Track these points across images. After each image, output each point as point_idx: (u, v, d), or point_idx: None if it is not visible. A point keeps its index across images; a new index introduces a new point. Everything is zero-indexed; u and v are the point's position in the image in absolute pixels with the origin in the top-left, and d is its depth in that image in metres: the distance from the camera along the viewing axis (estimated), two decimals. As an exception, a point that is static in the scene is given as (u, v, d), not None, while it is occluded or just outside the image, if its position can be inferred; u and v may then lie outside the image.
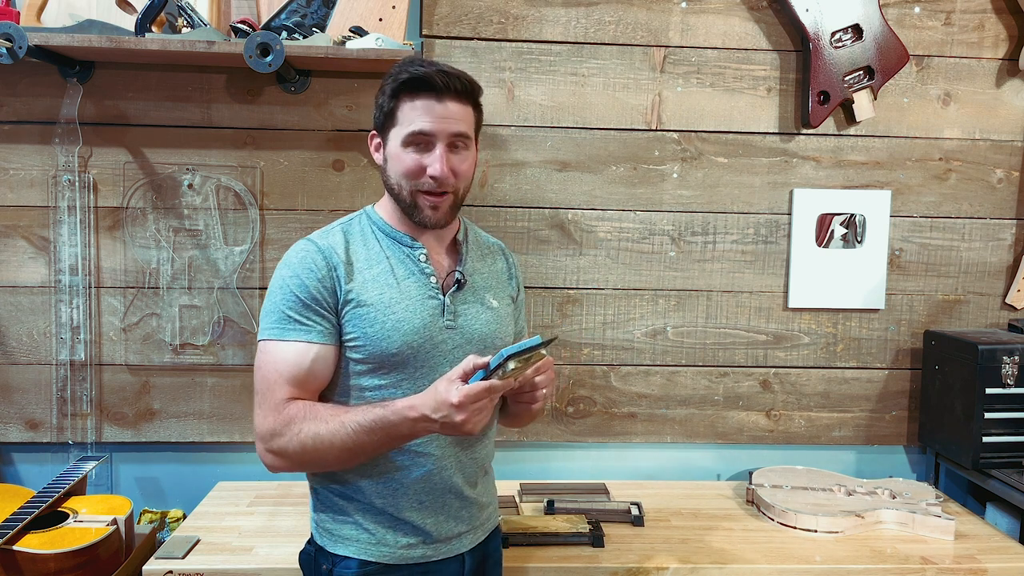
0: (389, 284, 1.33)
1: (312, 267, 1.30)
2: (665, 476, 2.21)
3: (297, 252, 1.33)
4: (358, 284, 1.32)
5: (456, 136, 1.32)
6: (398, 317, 1.31)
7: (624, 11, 2.07)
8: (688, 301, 2.16)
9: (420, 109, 1.30)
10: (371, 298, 1.31)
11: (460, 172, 1.33)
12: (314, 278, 1.30)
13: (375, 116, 1.37)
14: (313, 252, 1.32)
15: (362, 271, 1.33)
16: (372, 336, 1.30)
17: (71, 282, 2.02)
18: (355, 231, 1.38)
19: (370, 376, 1.32)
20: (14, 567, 1.58)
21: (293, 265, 1.31)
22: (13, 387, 2.04)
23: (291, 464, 1.29)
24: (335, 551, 1.35)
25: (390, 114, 1.33)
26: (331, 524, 1.37)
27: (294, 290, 1.29)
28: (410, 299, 1.33)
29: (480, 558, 1.44)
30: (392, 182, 1.35)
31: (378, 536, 1.34)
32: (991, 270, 2.20)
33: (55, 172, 2.00)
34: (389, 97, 1.32)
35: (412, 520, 1.35)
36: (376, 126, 1.38)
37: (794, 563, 1.70)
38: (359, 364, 1.32)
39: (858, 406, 2.21)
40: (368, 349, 1.30)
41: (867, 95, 2.08)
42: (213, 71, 2.01)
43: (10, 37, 1.72)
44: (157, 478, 2.12)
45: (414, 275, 1.36)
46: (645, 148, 2.11)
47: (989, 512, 2.08)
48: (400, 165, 1.32)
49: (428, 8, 2.03)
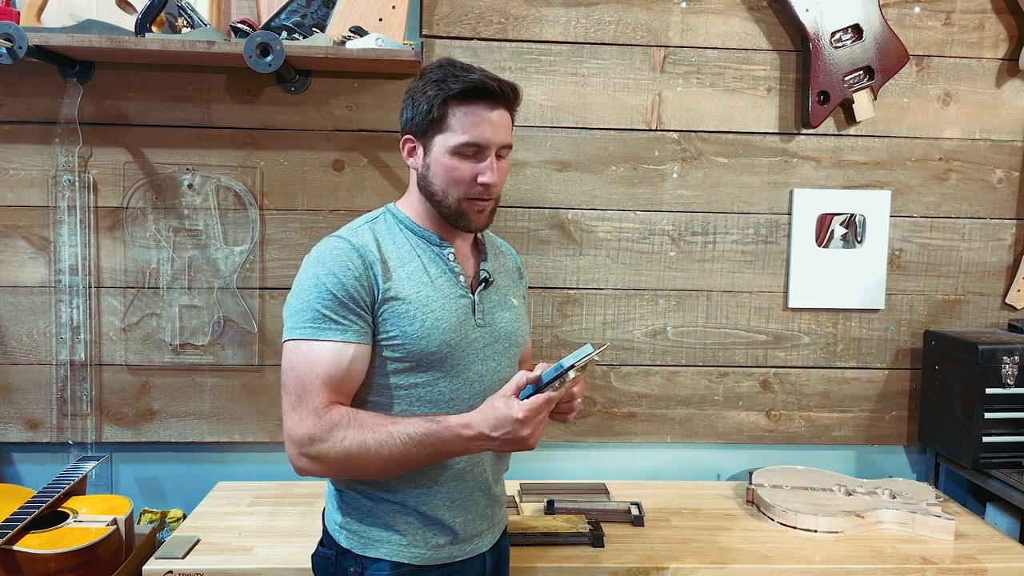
0: (424, 282, 1.32)
1: (349, 264, 1.27)
2: (665, 476, 2.21)
3: (331, 249, 1.30)
4: (395, 282, 1.30)
5: (504, 146, 1.33)
6: (436, 316, 1.31)
7: (624, 11, 2.07)
8: (688, 301, 2.16)
9: (473, 118, 1.28)
10: (409, 296, 1.30)
11: (503, 179, 1.36)
12: (351, 276, 1.27)
13: (411, 119, 1.32)
14: (348, 249, 1.29)
15: (396, 269, 1.32)
16: (412, 334, 1.29)
17: (71, 282, 2.02)
18: (382, 229, 1.36)
19: (406, 375, 1.31)
20: (14, 567, 1.58)
21: (328, 262, 1.28)
22: (13, 387, 2.04)
23: (328, 470, 1.27)
24: (364, 553, 1.34)
25: (438, 120, 1.29)
26: (359, 526, 1.35)
27: (331, 288, 1.26)
28: (445, 297, 1.33)
29: (497, 556, 1.46)
30: (436, 188, 1.32)
31: (409, 537, 1.34)
32: (991, 270, 2.20)
33: (55, 172, 2.00)
34: (439, 103, 1.28)
35: (443, 519, 1.35)
36: (415, 130, 1.33)
37: (794, 563, 1.70)
38: (396, 363, 1.31)
39: (858, 406, 2.21)
40: (407, 348, 1.29)
41: (867, 95, 2.08)
42: (213, 71, 2.01)
43: (10, 37, 1.72)
44: (157, 478, 2.12)
45: (445, 274, 1.36)
46: (645, 148, 2.11)
47: (989, 512, 2.08)
48: (449, 173, 1.30)
49: (428, 8, 2.03)
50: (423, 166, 1.34)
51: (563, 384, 1.20)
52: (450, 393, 1.33)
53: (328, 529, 1.40)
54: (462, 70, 1.30)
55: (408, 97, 1.34)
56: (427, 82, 1.30)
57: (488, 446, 1.22)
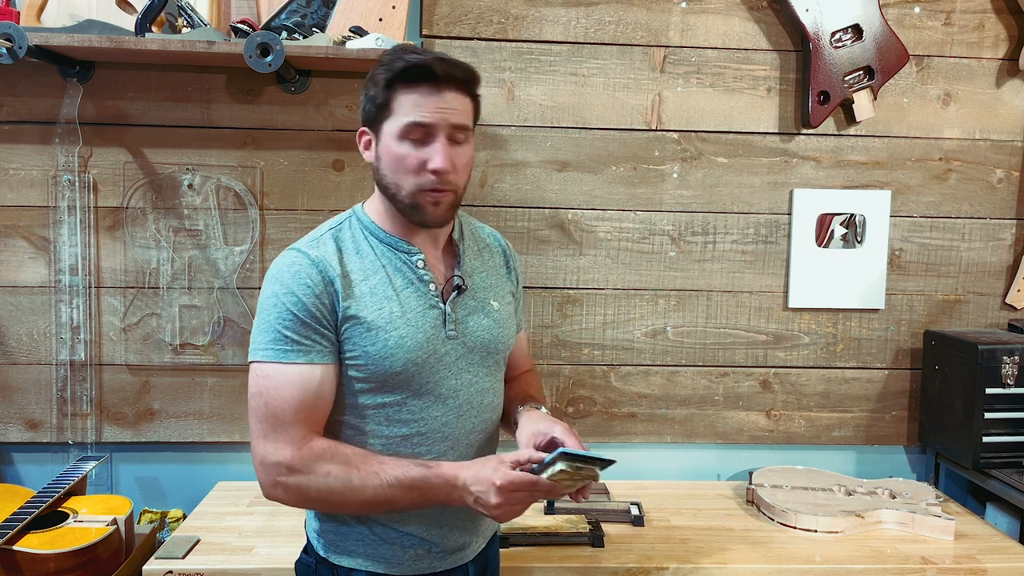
0: (388, 297, 1.25)
1: (307, 282, 1.20)
2: (665, 476, 2.21)
3: (289, 266, 1.22)
4: (356, 299, 1.23)
5: (456, 128, 1.22)
6: (400, 333, 1.23)
7: (624, 11, 2.07)
8: (688, 301, 2.16)
9: (418, 99, 1.20)
10: (370, 314, 1.23)
11: (460, 166, 1.25)
12: (311, 294, 1.20)
13: (364, 110, 1.26)
14: (306, 265, 1.22)
15: (359, 283, 1.24)
16: (374, 355, 1.23)
17: (71, 282, 2.02)
18: (346, 237, 1.29)
19: (373, 395, 1.26)
20: (14, 567, 1.58)
21: (286, 280, 1.21)
22: (13, 387, 2.04)
23: (303, 502, 1.23)
24: (340, 563, 1.30)
25: (384, 106, 1.22)
26: (335, 536, 1.31)
27: (290, 308, 1.19)
28: (411, 312, 1.26)
29: (482, 565, 1.42)
30: (388, 180, 1.24)
31: (385, 549, 1.30)
32: (991, 270, 2.20)
33: (55, 172, 2.00)
34: (383, 87, 1.21)
35: (418, 533, 1.30)
36: (366, 120, 1.26)
37: (794, 563, 1.70)
38: (361, 382, 1.25)
39: (858, 406, 2.21)
40: (370, 368, 1.23)
41: (867, 95, 2.08)
42: (213, 71, 2.01)
43: (10, 37, 1.72)
44: (157, 478, 2.12)
45: (412, 284, 1.28)
46: (645, 148, 2.11)
47: (989, 512, 2.08)
48: (398, 161, 1.22)
49: (428, 8, 2.03)
50: (376, 158, 1.26)
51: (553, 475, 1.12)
52: (420, 411, 1.27)
53: (308, 536, 1.37)
54: (412, 53, 1.22)
55: (363, 89, 1.26)
56: (377, 68, 1.23)
57: (466, 499, 1.18)
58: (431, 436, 1.28)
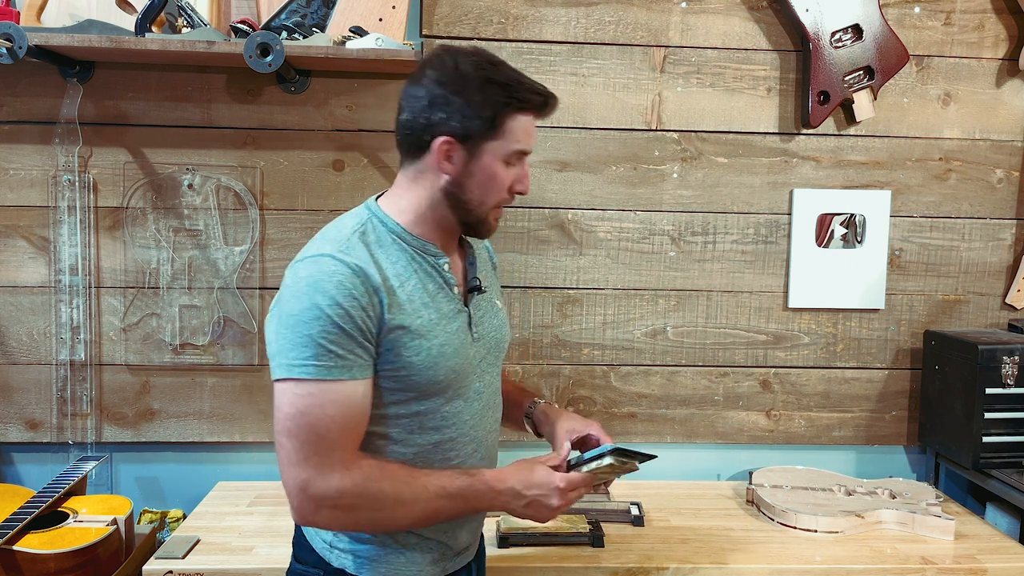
0: (425, 303, 1.21)
1: (352, 292, 1.13)
2: (665, 476, 2.21)
3: (330, 275, 1.14)
4: (399, 307, 1.18)
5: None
6: (440, 341, 1.21)
7: (624, 11, 2.07)
8: (688, 301, 2.16)
9: (527, 127, 1.22)
10: (413, 322, 1.18)
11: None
12: (357, 306, 1.13)
13: (459, 121, 1.18)
14: (348, 275, 1.14)
15: (397, 290, 1.19)
16: (417, 365, 1.19)
17: (71, 282, 2.02)
18: (372, 241, 1.22)
19: (407, 404, 1.22)
20: (14, 567, 1.58)
21: (328, 290, 1.13)
22: (13, 387, 2.04)
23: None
24: (359, 573, 1.25)
25: (491, 124, 1.18)
26: (355, 545, 1.26)
27: (336, 320, 1.12)
28: (445, 318, 1.23)
29: (479, 562, 1.44)
30: (471, 196, 1.22)
31: (408, 555, 1.27)
32: (991, 270, 2.20)
33: (55, 172, 2.00)
34: (501, 108, 1.19)
35: (436, 536, 1.29)
36: (459, 134, 1.19)
37: (794, 563, 1.70)
38: (397, 393, 1.21)
39: (858, 406, 2.21)
40: (412, 379, 1.20)
41: (867, 95, 2.08)
42: (213, 71, 2.01)
43: (10, 37, 1.72)
44: (157, 478, 2.12)
45: (442, 289, 1.25)
46: (645, 148, 2.11)
47: (989, 512, 2.08)
48: (495, 181, 1.22)
49: (428, 8, 2.03)
50: (461, 172, 1.21)
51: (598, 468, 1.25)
52: (453, 417, 1.26)
53: (313, 548, 1.28)
54: (521, 77, 1.23)
55: (449, 94, 1.18)
56: (483, 85, 1.18)
57: (513, 504, 1.22)
58: (460, 440, 1.28)
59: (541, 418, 1.44)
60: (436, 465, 1.25)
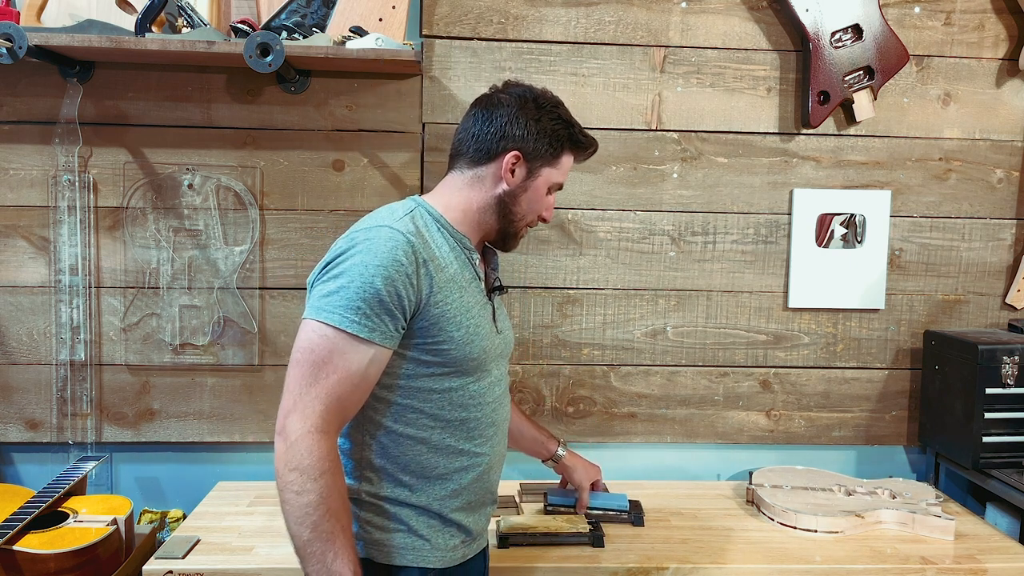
0: (462, 287, 1.32)
1: (403, 261, 1.23)
2: (665, 476, 2.21)
3: (385, 240, 1.23)
4: (441, 285, 1.28)
5: None
6: (476, 322, 1.33)
7: (624, 11, 2.07)
8: (688, 301, 2.16)
9: (570, 166, 1.43)
10: (456, 299, 1.30)
11: None
12: (403, 274, 1.22)
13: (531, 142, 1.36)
14: (403, 243, 1.24)
15: (440, 270, 1.29)
16: (459, 340, 1.29)
17: (71, 282, 2.02)
18: (421, 225, 1.31)
19: (443, 379, 1.31)
20: (14, 567, 1.58)
21: (382, 254, 1.22)
22: (13, 387, 2.04)
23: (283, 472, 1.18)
24: (390, 562, 1.31)
25: (554, 154, 1.39)
26: (380, 535, 1.32)
27: (379, 284, 1.20)
28: (477, 304, 1.35)
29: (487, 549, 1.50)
30: (519, 210, 1.39)
31: (432, 541, 1.33)
32: (991, 270, 2.20)
33: (55, 172, 2.00)
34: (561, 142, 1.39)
35: (460, 520, 1.35)
36: (528, 153, 1.36)
37: (794, 563, 1.70)
38: (435, 367, 1.30)
39: (858, 406, 2.21)
40: (453, 353, 1.29)
41: (867, 95, 2.08)
42: (213, 71, 2.01)
43: (10, 37, 1.72)
44: (157, 478, 2.12)
45: (475, 280, 1.37)
46: (645, 148, 2.11)
47: (989, 512, 2.08)
48: (539, 203, 1.41)
49: (428, 8, 2.03)
50: (519, 186, 1.37)
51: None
52: (479, 397, 1.35)
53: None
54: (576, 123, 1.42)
55: (526, 118, 1.36)
56: (555, 119, 1.38)
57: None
58: (484, 421, 1.37)
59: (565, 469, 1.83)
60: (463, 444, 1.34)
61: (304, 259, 2.06)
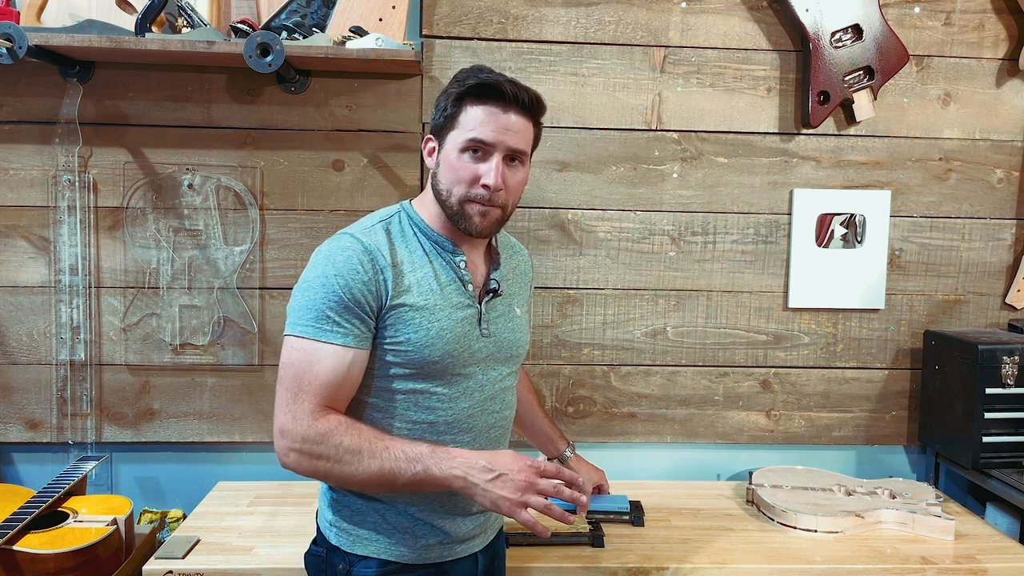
0: (433, 289, 1.32)
1: (359, 268, 1.27)
2: (665, 476, 2.21)
3: (343, 249, 1.29)
4: (404, 288, 1.30)
5: (514, 151, 1.32)
6: (441, 325, 1.31)
7: (624, 11, 2.07)
8: (688, 301, 2.16)
9: (483, 116, 1.29)
10: (417, 302, 1.30)
11: (511, 187, 1.33)
12: (360, 280, 1.26)
13: (434, 119, 1.37)
14: (360, 252, 1.28)
15: (407, 274, 1.31)
16: (416, 342, 1.29)
17: (71, 282, 2.02)
18: (396, 231, 1.36)
19: (406, 380, 1.32)
20: (14, 567, 1.58)
21: (338, 263, 1.27)
22: (13, 387, 2.04)
23: (313, 471, 1.26)
24: (353, 551, 1.35)
25: (451, 117, 1.32)
26: (348, 525, 1.36)
27: (338, 290, 1.26)
28: (452, 306, 1.33)
29: (491, 557, 1.47)
30: (441, 187, 1.33)
31: (398, 537, 1.35)
32: (991, 270, 2.20)
33: (55, 172, 2.00)
34: (453, 101, 1.31)
35: (433, 521, 1.36)
36: (433, 129, 1.37)
37: (794, 563, 1.70)
38: (398, 367, 1.32)
39: (858, 406, 2.21)
40: (411, 354, 1.30)
41: (867, 95, 2.08)
42: (213, 71, 2.01)
43: (10, 37, 1.72)
44: (157, 478, 2.12)
45: (455, 282, 1.36)
46: (645, 148, 2.11)
47: (989, 512, 2.08)
48: (453, 170, 1.31)
49: (428, 8, 2.03)
50: (436, 164, 1.35)
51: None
52: (449, 401, 1.34)
53: (320, 527, 1.42)
54: (484, 72, 1.32)
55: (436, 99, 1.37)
56: (452, 82, 1.34)
57: (478, 477, 1.22)
58: (456, 426, 1.35)
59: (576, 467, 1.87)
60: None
61: (304, 259, 2.03)
